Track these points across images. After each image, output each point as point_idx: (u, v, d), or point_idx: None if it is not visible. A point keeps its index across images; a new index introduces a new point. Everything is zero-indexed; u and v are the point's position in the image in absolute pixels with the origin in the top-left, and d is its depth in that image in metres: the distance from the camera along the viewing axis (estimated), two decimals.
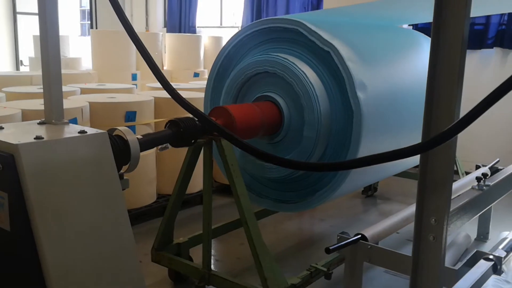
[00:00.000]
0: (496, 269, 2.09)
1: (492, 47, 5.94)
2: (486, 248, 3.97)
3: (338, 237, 2.41)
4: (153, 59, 2.02)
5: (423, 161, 1.57)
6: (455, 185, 3.39)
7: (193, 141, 2.66)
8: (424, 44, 3.88)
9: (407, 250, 3.46)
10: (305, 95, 2.81)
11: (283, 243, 4.02)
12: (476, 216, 2.50)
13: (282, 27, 3.01)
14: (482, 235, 4.08)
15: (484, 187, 2.63)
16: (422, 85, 3.44)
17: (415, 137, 3.56)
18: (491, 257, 2.16)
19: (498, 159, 4.15)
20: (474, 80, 5.78)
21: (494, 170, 3.89)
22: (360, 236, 2.38)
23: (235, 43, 3.26)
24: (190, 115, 2.25)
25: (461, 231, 3.93)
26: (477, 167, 3.98)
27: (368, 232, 2.44)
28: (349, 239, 2.34)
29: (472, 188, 2.63)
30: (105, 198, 2.01)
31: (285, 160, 2.02)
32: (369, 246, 2.31)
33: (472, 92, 4.48)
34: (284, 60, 2.86)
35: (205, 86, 5.09)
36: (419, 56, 3.63)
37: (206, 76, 7.62)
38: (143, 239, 3.87)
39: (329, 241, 4.11)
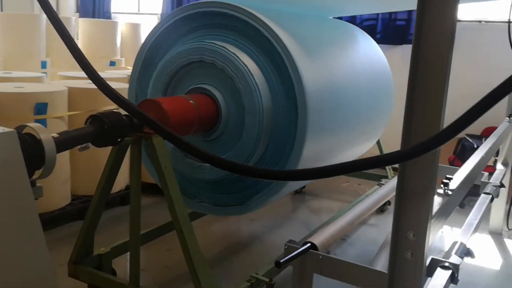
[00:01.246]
0: (454, 277, 1.99)
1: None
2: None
3: (286, 247, 2.18)
4: (76, 44, 1.66)
5: (402, 169, 1.39)
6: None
7: (119, 139, 2.30)
8: (359, 36, 3.78)
9: (351, 255, 3.34)
10: (246, 90, 2.55)
11: (215, 248, 3.75)
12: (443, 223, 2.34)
13: (218, 11, 2.72)
14: None
15: (449, 192, 2.40)
16: (362, 79, 3.37)
17: (359, 134, 3.51)
18: (447, 264, 2.06)
19: None
20: (397, 76, 5.88)
21: None
22: (309, 245, 2.18)
23: (164, 28, 2.91)
24: (111, 108, 1.92)
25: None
26: None
27: (317, 239, 2.25)
28: (298, 248, 2.13)
29: (438, 194, 2.37)
30: (13, 211, 1.62)
31: (245, 167, 1.75)
32: (320, 256, 2.11)
33: (395, 88, 4.54)
34: (224, 50, 2.57)
35: (123, 75, 4.64)
36: (357, 49, 3.52)
37: (123, 65, 7.13)
38: (56, 246, 3.43)
39: (263, 243, 3.92)
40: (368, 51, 3.69)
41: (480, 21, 5.81)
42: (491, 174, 3.86)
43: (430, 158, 1.31)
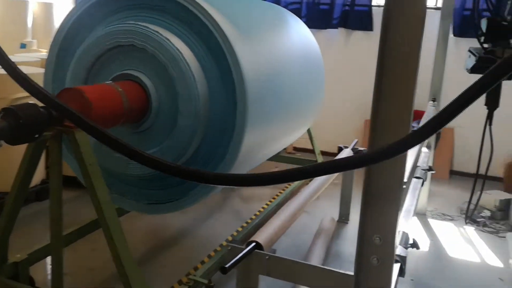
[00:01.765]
0: (402, 270, 1.96)
1: (336, 27, 6.08)
2: (349, 228, 4.04)
3: (230, 248, 2.05)
4: None
5: (368, 169, 1.29)
6: None
7: (36, 135, 2.00)
8: (291, 19, 3.67)
9: (285, 245, 3.23)
10: (180, 78, 2.34)
11: (144, 245, 3.52)
12: None
13: None
14: (344, 217, 4.13)
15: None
16: (297, 64, 3.27)
17: (296, 120, 3.41)
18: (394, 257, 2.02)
19: (356, 140, 4.22)
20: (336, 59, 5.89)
21: (356, 151, 3.93)
22: (254, 244, 2.05)
23: (84, 8, 2.60)
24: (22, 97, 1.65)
25: (326, 216, 3.92)
26: (340, 148, 3.97)
27: (262, 238, 2.13)
28: (242, 250, 1.99)
29: None
30: None
31: (177, 167, 1.56)
32: (267, 257, 1.99)
33: None
34: (155, 34, 2.33)
35: (36, 59, 4.23)
36: (291, 33, 3.40)
37: (35, 47, 6.50)
38: None
39: (195, 237, 3.74)
40: (301, 35, 3.59)
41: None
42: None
43: (397, 160, 1.22)
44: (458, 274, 3.46)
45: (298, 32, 3.55)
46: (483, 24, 1.48)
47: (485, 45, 1.51)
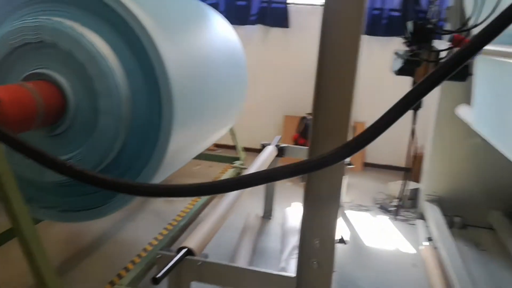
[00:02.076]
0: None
1: (255, 24, 6.10)
2: (272, 224, 4.07)
3: (159, 256, 1.96)
4: None
5: (309, 176, 1.27)
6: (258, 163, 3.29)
7: None
8: (212, 15, 3.61)
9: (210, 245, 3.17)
10: (99, 75, 2.20)
11: (62, 253, 3.29)
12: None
13: None
14: (267, 213, 4.16)
15: None
16: (221, 62, 3.21)
17: (225, 120, 3.35)
18: None
19: (279, 136, 4.26)
20: (255, 55, 5.87)
21: (280, 148, 3.97)
22: (185, 250, 1.99)
23: None
24: None
25: (250, 213, 3.92)
26: (263, 145, 3.98)
27: (192, 243, 2.07)
28: (173, 257, 1.92)
29: None
30: None
31: (94, 176, 1.45)
32: (199, 263, 1.94)
33: None
34: (70, 30, 2.17)
35: None
36: (214, 29, 3.34)
37: None
38: None
39: (116, 242, 3.57)
40: (223, 31, 3.55)
41: (313, 5, 6.09)
42: None
43: (335, 167, 1.23)
44: (376, 263, 3.62)
45: (220, 28, 3.50)
46: (409, 27, 1.53)
47: (410, 47, 1.57)
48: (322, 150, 1.19)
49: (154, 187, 1.29)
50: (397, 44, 5.38)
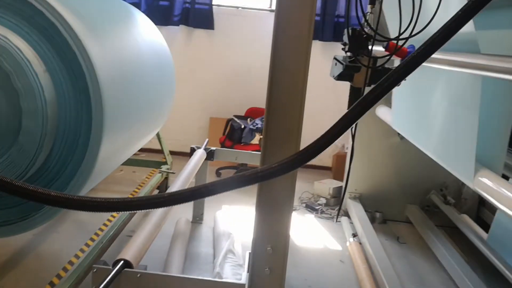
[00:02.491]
0: None
1: (178, 25, 6.01)
2: (203, 228, 4.03)
3: (95, 270, 1.87)
4: None
5: (261, 183, 1.27)
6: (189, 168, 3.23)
7: None
8: (138, 16, 3.50)
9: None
10: (23, 83, 2.04)
11: None
12: None
13: None
14: (198, 217, 4.11)
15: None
16: (149, 65, 3.12)
17: (154, 123, 3.24)
18: None
19: (207, 139, 4.23)
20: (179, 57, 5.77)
21: (209, 151, 3.94)
22: (122, 263, 1.90)
23: None
24: None
25: (180, 218, 3.85)
26: (192, 149, 3.93)
27: (129, 255, 1.99)
28: (110, 271, 1.83)
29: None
30: None
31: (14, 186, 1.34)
32: (138, 275, 1.86)
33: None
34: None
35: None
36: (141, 31, 3.23)
37: None
38: None
39: (39, 256, 3.34)
40: (150, 32, 3.45)
41: (237, 7, 6.12)
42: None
43: (288, 175, 1.23)
44: (305, 261, 3.72)
45: (147, 29, 3.41)
46: (347, 33, 1.58)
47: (349, 53, 1.63)
48: (274, 156, 1.20)
49: (97, 202, 1.21)
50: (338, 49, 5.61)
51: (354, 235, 4.03)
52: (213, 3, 5.94)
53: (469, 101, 2.06)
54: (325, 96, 5.73)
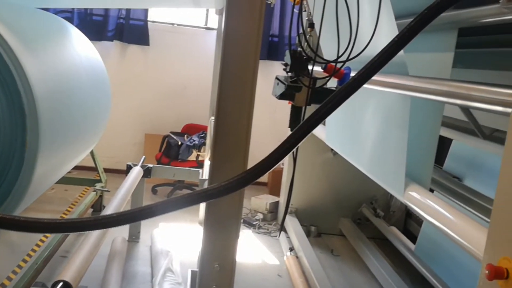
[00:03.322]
0: None
1: (112, 40, 5.91)
2: (140, 247, 3.95)
3: None
4: None
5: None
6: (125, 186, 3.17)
7: None
8: (73, 32, 3.42)
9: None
10: None
11: None
12: None
13: None
14: (134, 236, 4.02)
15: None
16: (85, 82, 3.05)
17: (89, 140, 3.14)
18: None
19: (144, 156, 4.17)
20: (113, 72, 5.63)
21: (146, 168, 3.89)
22: (62, 283, 1.84)
23: None
24: None
25: (116, 237, 3.76)
26: (129, 166, 3.86)
27: (68, 275, 1.92)
28: None
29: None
30: None
31: None
32: None
33: None
34: None
35: None
36: (76, 47, 3.16)
37: None
38: None
39: None
40: (85, 48, 3.38)
41: (173, 24, 6.12)
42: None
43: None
44: (244, 276, 3.74)
45: (82, 45, 3.33)
46: (288, 55, 1.66)
47: (290, 73, 1.70)
48: (222, 174, 1.23)
49: (38, 222, 1.18)
50: (277, 68, 5.72)
51: (291, 249, 4.11)
52: (148, 19, 5.90)
53: (399, 120, 2.21)
54: (261, 111, 5.84)
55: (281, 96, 1.67)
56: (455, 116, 3.03)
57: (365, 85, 1.06)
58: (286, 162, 4.88)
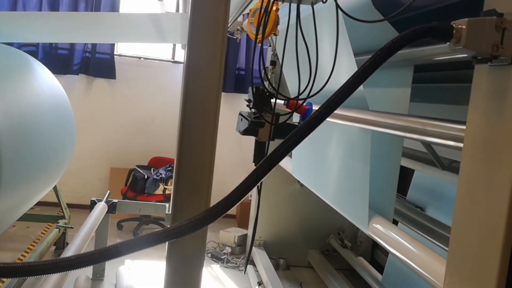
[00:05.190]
0: None
1: (77, 74, 5.87)
2: (105, 286, 3.83)
3: None
4: None
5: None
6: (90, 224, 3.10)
7: None
8: (34, 64, 3.38)
9: None
10: None
11: None
12: None
13: None
14: (99, 274, 3.91)
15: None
16: (50, 113, 3.00)
17: (52, 177, 3.07)
18: None
19: (109, 191, 4.10)
20: (78, 106, 5.56)
21: (111, 204, 3.82)
22: None
23: None
24: None
25: (80, 275, 3.64)
26: (93, 202, 3.78)
27: None
28: None
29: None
30: None
31: None
32: None
33: None
34: None
35: None
36: (39, 80, 3.12)
37: None
38: None
39: None
40: (49, 83, 3.34)
41: (140, 57, 6.14)
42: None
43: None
44: None
45: (45, 79, 3.30)
46: (251, 92, 1.69)
47: (253, 110, 1.73)
48: (185, 212, 1.22)
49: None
50: (240, 100, 5.75)
51: (260, 284, 4.07)
52: (114, 52, 5.91)
53: (361, 153, 2.26)
54: (228, 144, 5.86)
55: (245, 132, 1.69)
56: (417, 148, 3.13)
57: (328, 119, 1.09)
58: (254, 194, 4.88)
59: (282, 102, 1.86)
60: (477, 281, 0.99)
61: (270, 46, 2.39)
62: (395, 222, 2.67)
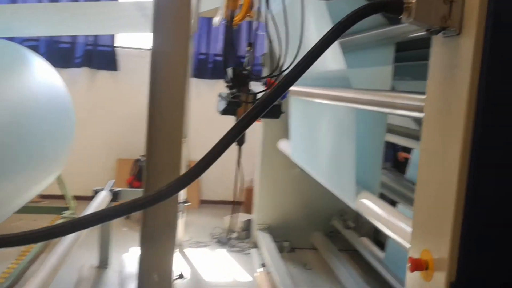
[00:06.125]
0: None
1: (80, 67, 5.93)
2: (109, 273, 3.93)
3: None
4: None
5: (144, 213, 1.32)
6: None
7: None
8: (30, 58, 3.45)
9: None
10: None
11: None
12: None
13: None
14: (103, 262, 4.00)
15: None
16: (45, 106, 3.07)
17: (49, 169, 3.14)
18: None
19: (113, 181, 4.18)
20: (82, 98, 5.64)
21: (115, 192, 3.90)
22: None
23: None
24: None
25: (84, 264, 3.74)
26: (95, 191, 3.86)
27: None
28: None
29: None
30: None
31: None
32: None
33: None
34: None
35: None
36: (34, 73, 3.19)
37: None
38: None
39: None
40: (45, 76, 3.41)
41: (140, 49, 6.18)
42: None
43: (170, 202, 1.31)
44: None
45: (40, 72, 3.36)
46: (229, 72, 1.73)
47: (231, 90, 1.77)
48: (157, 187, 1.27)
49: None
50: (222, 86, 5.80)
51: (263, 265, 4.14)
52: (116, 44, 5.96)
53: (346, 131, 2.29)
54: (212, 130, 5.89)
55: (224, 112, 1.74)
56: (415, 127, 3.15)
57: (315, 99, 1.12)
58: (257, 179, 4.93)
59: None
60: (437, 235, 1.02)
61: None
62: (393, 203, 2.69)
